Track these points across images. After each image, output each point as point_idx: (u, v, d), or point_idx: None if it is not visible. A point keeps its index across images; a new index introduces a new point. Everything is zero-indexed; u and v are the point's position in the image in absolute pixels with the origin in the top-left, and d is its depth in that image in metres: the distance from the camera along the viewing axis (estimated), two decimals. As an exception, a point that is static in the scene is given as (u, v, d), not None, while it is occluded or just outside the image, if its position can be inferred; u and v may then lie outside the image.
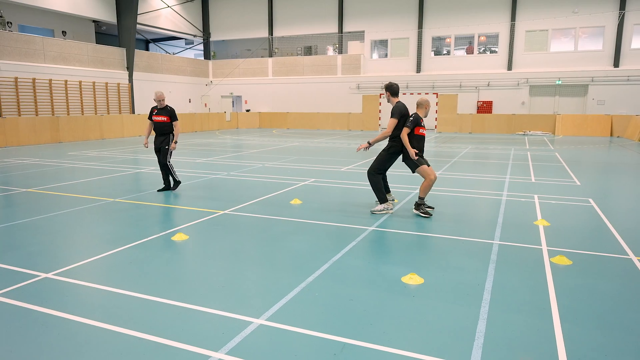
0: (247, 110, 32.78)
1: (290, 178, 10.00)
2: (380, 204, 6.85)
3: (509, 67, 27.19)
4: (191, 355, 2.96)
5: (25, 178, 10.05)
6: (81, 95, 23.62)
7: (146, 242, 5.42)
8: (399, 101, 6.88)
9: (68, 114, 22.54)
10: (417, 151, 6.61)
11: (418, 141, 6.70)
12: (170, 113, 8.60)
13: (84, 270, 4.48)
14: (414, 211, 6.77)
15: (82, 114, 23.27)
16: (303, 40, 32.75)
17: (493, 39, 27.81)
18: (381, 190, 6.83)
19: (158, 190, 8.51)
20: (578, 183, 9.57)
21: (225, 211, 6.94)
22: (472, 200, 7.93)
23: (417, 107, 6.85)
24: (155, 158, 10.08)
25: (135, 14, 26.27)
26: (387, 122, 6.82)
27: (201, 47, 35.50)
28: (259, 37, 33.19)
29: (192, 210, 7.06)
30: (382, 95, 28.45)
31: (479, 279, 4.28)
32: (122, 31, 26.45)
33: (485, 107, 27.67)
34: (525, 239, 5.53)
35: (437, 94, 27.29)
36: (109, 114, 24.74)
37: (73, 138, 20.06)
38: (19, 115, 20.26)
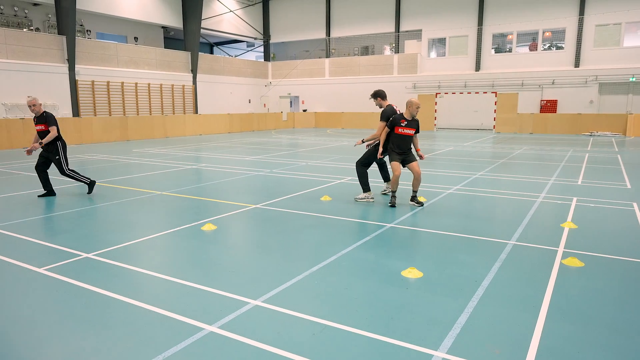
0: (304, 111, 33.50)
1: (328, 176, 10.31)
2: (363, 192, 7.70)
3: (576, 64, 25.76)
4: (186, 326, 3.36)
5: (91, 172, 11.13)
6: (149, 96, 25.39)
7: (178, 230, 5.96)
8: (389, 104, 7.62)
9: (138, 114, 24.33)
10: (382, 150, 7.42)
11: (398, 139, 7.23)
12: (47, 120, 7.78)
13: (118, 252, 5.06)
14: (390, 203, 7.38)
15: (150, 114, 25.01)
16: (360, 41, 32.94)
17: (559, 34, 26.45)
18: (365, 181, 7.71)
19: (39, 196, 8.03)
20: (629, 186, 9.08)
21: (257, 205, 7.39)
22: (504, 201, 7.82)
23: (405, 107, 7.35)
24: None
25: (200, 19, 27.76)
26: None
27: (261, 49, 36.73)
28: (316, 38, 33.80)
29: (226, 203, 7.58)
30: (437, 95, 28.04)
31: (478, 275, 4.36)
32: (188, 36, 28.04)
33: (549, 107, 26.40)
34: (544, 241, 5.47)
35: (496, 92, 26.44)
36: (174, 114, 26.39)
37: (140, 136, 21.61)
38: (95, 115, 22.19)
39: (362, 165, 7.76)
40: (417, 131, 7.27)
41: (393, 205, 7.25)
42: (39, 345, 3.14)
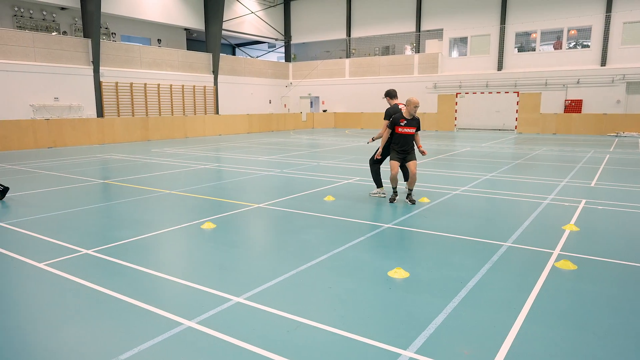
0: (324, 111, 33.57)
1: (337, 176, 10.35)
2: (377, 188, 8.08)
3: (603, 63, 25.02)
4: (166, 320, 3.46)
5: (109, 171, 11.48)
6: (171, 97, 25.93)
7: (178, 228, 6.11)
8: (395, 104, 7.91)
9: (160, 115, 24.87)
10: (381, 151, 7.75)
11: (399, 138, 7.43)
12: None
13: (116, 249, 5.23)
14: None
15: (172, 115, 25.52)
16: (380, 41, 32.81)
17: (585, 32, 25.75)
18: (377, 177, 8.07)
19: None
20: (644, 189, 8.82)
21: (260, 205, 7.49)
22: (510, 202, 7.71)
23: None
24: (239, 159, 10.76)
25: (221, 21, 28.16)
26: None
27: (282, 49, 37.00)
28: (337, 38, 33.83)
29: (230, 202, 7.71)
30: (458, 95, 27.70)
31: (465, 276, 4.34)
32: (209, 37, 28.49)
33: (574, 106, 25.72)
34: (541, 243, 5.38)
35: (518, 92, 25.93)
36: (195, 114, 26.86)
37: (160, 136, 22.08)
38: (118, 116, 22.80)
39: (374, 163, 8.11)
40: (418, 129, 7.37)
41: (392, 201, 7.47)
42: (20, 334, 3.30)
